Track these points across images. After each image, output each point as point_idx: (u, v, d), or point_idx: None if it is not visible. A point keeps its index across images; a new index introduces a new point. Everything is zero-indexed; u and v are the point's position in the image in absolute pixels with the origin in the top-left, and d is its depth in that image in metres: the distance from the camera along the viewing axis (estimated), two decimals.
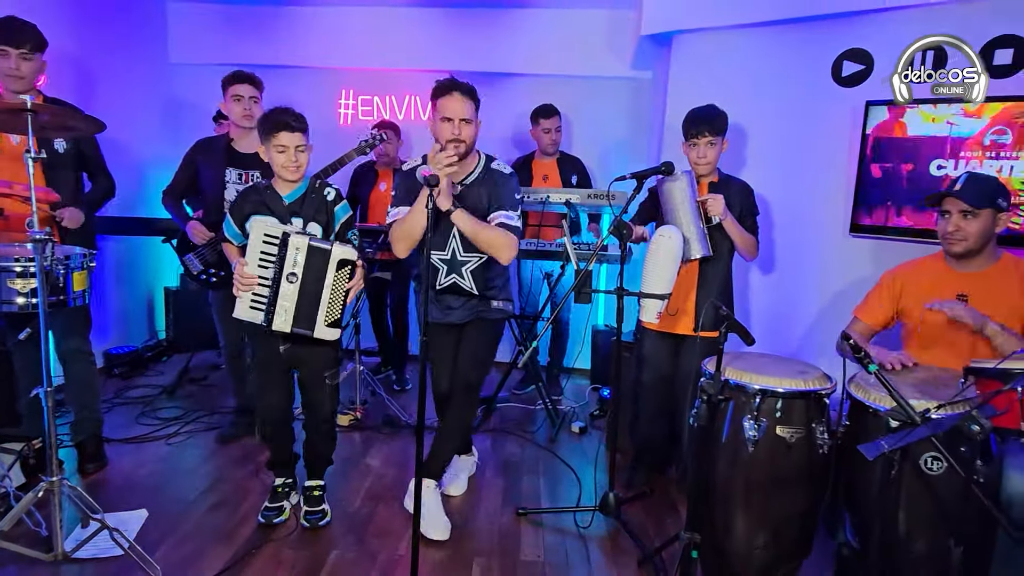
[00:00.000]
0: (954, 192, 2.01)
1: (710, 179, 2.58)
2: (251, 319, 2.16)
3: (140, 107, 4.32)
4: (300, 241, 2.08)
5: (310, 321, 2.14)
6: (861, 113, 2.73)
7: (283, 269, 2.09)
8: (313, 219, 2.23)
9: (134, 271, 4.39)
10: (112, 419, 3.24)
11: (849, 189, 2.81)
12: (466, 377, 2.42)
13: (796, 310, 3.06)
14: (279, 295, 2.10)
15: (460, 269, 2.32)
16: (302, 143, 2.18)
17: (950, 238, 2.04)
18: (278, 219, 2.19)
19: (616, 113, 4.39)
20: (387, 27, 4.37)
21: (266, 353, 2.29)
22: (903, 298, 2.20)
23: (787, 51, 3.01)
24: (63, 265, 2.09)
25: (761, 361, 2.03)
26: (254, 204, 2.22)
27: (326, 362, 2.31)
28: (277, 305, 2.11)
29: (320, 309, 2.14)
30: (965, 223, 2.01)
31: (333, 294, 2.14)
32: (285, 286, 2.10)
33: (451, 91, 2.17)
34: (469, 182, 2.29)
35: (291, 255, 2.08)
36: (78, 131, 2.21)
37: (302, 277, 2.10)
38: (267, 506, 2.40)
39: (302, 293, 2.11)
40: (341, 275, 2.14)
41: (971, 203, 1.97)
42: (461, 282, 2.33)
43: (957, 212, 2.01)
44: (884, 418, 1.74)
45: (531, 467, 3.01)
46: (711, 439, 1.93)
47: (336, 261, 2.12)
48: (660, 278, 2.26)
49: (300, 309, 2.13)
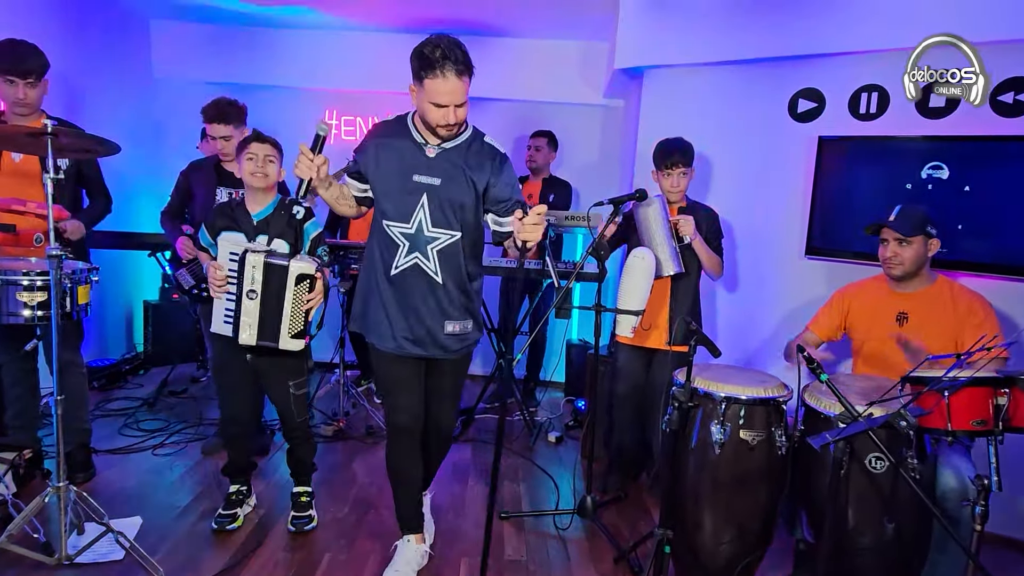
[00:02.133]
0: (889, 223, 2.27)
1: (679, 205, 2.80)
2: (225, 332, 2.26)
3: (124, 123, 4.36)
4: (255, 259, 2.15)
5: (274, 334, 2.21)
6: (815, 147, 2.99)
7: (242, 287, 2.18)
8: (280, 236, 2.32)
9: (114, 285, 4.41)
10: (95, 430, 3.26)
11: (804, 215, 3.06)
12: (442, 423, 2.25)
13: (756, 325, 3.30)
14: (241, 311, 2.19)
15: (425, 248, 1.97)
16: (271, 154, 2.31)
17: (889, 263, 2.29)
18: (245, 235, 2.30)
19: (589, 138, 4.62)
20: (371, 49, 4.52)
21: (234, 361, 2.36)
22: (850, 315, 2.44)
23: (748, 88, 3.28)
24: (70, 279, 2.18)
25: (727, 372, 2.23)
26: (226, 220, 2.33)
27: (290, 371, 2.38)
28: (240, 321, 2.20)
29: (283, 322, 2.20)
30: (901, 249, 2.26)
31: (294, 307, 2.20)
32: (246, 303, 2.18)
33: (442, 70, 1.80)
34: (449, 146, 1.98)
35: (248, 273, 2.16)
36: (95, 153, 2.29)
37: (262, 293, 2.17)
38: (221, 513, 2.46)
39: (264, 308, 2.18)
40: (300, 289, 2.19)
41: (903, 232, 2.23)
42: (424, 263, 1.98)
43: (893, 239, 2.27)
44: (834, 422, 1.95)
45: (511, 474, 3.16)
46: (682, 443, 2.12)
47: (295, 276, 2.17)
48: (635, 295, 2.45)
49: (263, 323, 2.19)
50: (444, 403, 2.22)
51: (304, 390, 2.45)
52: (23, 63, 2.38)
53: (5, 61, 2.38)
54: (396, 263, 1.99)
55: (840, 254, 2.96)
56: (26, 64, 2.39)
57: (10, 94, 2.42)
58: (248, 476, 2.59)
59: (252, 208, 2.34)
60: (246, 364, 2.35)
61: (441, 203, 1.95)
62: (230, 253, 2.22)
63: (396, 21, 4.32)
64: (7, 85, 2.41)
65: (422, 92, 1.87)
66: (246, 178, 2.30)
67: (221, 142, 2.89)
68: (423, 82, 1.85)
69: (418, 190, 1.95)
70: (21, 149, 2.20)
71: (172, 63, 4.63)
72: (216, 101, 2.85)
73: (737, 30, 3.20)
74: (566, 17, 3.98)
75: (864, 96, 2.93)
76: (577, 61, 4.44)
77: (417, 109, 1.95)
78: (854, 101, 2.96)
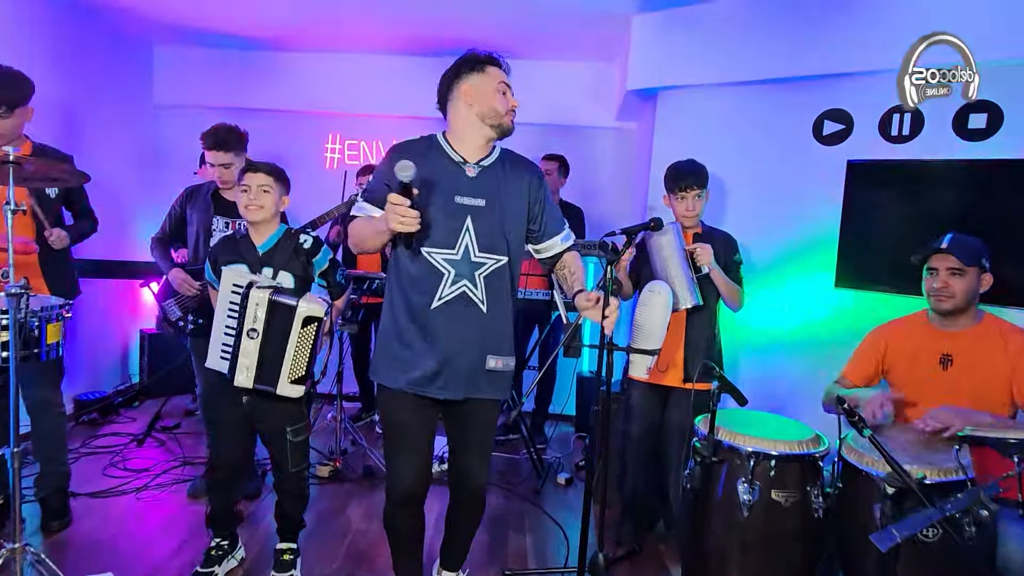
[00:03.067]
0: (942, 249, 2.03)
1: (694, 231, 2.61)
2: (220, 369, 2.09)
3: (125, 150, 4.28)
4: (260, 296, 2.00)
5: (273, 378, 2.05)
6: (843, 171, 2.79)
7: (243, 325, 2.01)
8: (285, 268, 2.17)
9: (110, 314, 4.28)
10: (78, 471, 3.07)
11: (833, 244, 2.86)
12: (474, 480, 1.92)
13: (784, 363, 3.07)
14: (239, 351, 2.03)
15: (473, 274, 1.76)
16: (266, 183, 2.15)
17: (938, 295, 2.06)
18: (249, 268, 2.15)
19: (601, 161, 4.46)
20: (375, 73, 4.42)
21: (228, 402, 2.19)
22: (887, 357, 2.21)
23: (769, 109, 3.10)
24: (37, 317, 2.01)
25: (753, 421, 2.02)
26: (229, 253, 2.18)
27: (288, 416, 2.18)
28: (238, 361, 2.03)
29: (284, 366, 2.04)
30: (953, 280, 2.03)
31: (298, 351, 2.04)
32: (245, 342, 2.02)
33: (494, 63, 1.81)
34: (487, 164, 1.83)
35: (251, 310, 2.00)
36: (63, 182, 2.15)
37: (263, 333, 2.01)
38: (198, 571, 2.23)
39: (264, 349, 2.02)
40: (307, 332, 2.04)
41: (961, 260, 2.00)
42: (472, 292, 1.77)
43: (945, 269, 2.04)
44: (879, 482, 1.73)
45: (516, 522, 2.93)
46: (705, 501, 1.90)
47: (302, 318, 2.02)
48: (650, 333, 2.25)
49: (262, 366, 2.03)
50: (474, 456, 1.91)
51: (303, 437, 2.25)
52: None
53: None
54: (440, 294, 1.75)
55: (873, 286, 2.74)
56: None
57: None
58: (232, 529, 2.38)
59: (256, 240, 2.19)
60: (240, 403, 2.16)
61: (488, 226, 1.78)
62: (233, 285, 2.06)
63: (400, 45, 4.22)
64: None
65: (484, 80, 1.79)
66: (241, 211, 2.15)
67: (220, 170, 2.76)
68: (485, 68, 1.79)
69: (462, 213, 1.75)
70: None
71: (174, 89, 4.55)
72: (215, 128, 2.73)
73: (756, 49, 3.03)
74: (576, 38, 3.85)
75: (896, 117, 2.73)
76: (588, 83, 4.30)
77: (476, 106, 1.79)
78: (885, 122, 2.77)
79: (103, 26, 4.02)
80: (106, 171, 4.07)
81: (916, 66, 2.16)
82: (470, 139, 1.81)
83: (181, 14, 3.89)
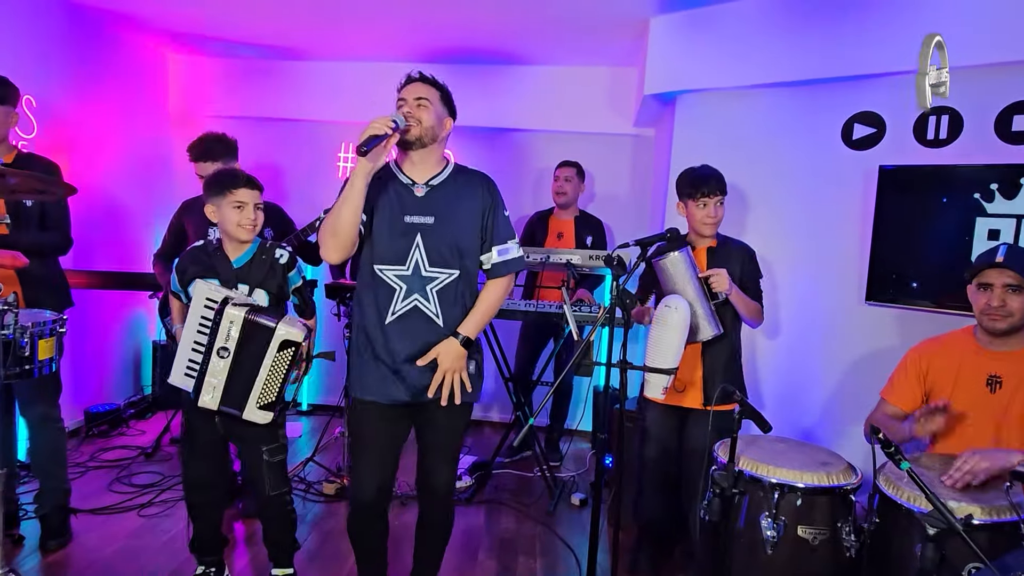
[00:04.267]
0: (998, 263, 1.84)
1: (709, 243, 2.45)
2: (183, 386, 2.00)
3: (138, 159, 4.27)
4: (235, 314, 1.90)
5: (240, 401, 1.95)
6: (874, 177, 2.63)
7: (214, 342, 1.92)
8: (261, 285, 2.08)
9: (122, 326, 4.26)
10: (83, 486, 3.05)
11: (864, 255, 2.68)
12: (442, 482, 1.97)
13: (810, 384, 2.90)
14: (207, 370, 1.93)
15: (424, 288, 1.83)
16: (258, 200, 2.08)
17: (993, 314, 1.86)
18: (221, 283, 2.05)
19: (618, 168, 4.34)
20: (389, 82, 4.31)
21: (199, 422, 2.10)
22: (929, 377, 2.03)
23: (794, 113, 2.95)
24: (28, 333, 1.96)
25: (778, 448, 1.87)
26: (201, 266, 2.08)
27: (263, 437, 2.08)
28: (205, 380, 1.94)
29: (253, 390, 1.94)
30: (1010, 298, 1.83)
31: (271, 375, 1.94)
32: (215, 361, 1.92)
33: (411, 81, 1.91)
34: (436, 183, 1.88)
35: (224, 328, 1.91)
36: (47, 195, 2.09)
37: (235, 353, 1.92)
38: None
39: (234, 370, 1.93)
40: (282, 356, 1.94)
41: (1020, 274, 1.81)
42: (424, 306, 1.84)
43: (1001, 286, 1.84)
44: (921, 520, 1.56)
45: (527, 546, 2.80)
46: (725, 536, 1.75)
47: (279, 341, 1.92)
48: (667, 351, 2.11)
49: (230, 387, 1.94)
50: (439, 462, 1.96)
51: (280, 457, 2.14)
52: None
53: None
54: (393, 308, 1.83)
55: (908, 300, 2.56)
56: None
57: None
58: (218, 554, 2.27)
59: (231, 253, 2.09)
60: (214, 426, 2.08)
61: (437, 242, 1.84)
62: (206, 299, 1.96)
63: (415, 53, 4.15)
64: None
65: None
66: (233, 230, 2.04)
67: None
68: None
69: (411, 231, 1.83)
70: None
71: (188, 98, 4.55)
72: (202, 137, 2.67)
73: (781, 49, 2.88)
74: (592, 42, 3.73)
75: (932, 120, 2.56)
76: (604, 88, 4.17)
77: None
78: (920, 125, 2.59)
79: (118, 36, 4.02)
80: (120, 181, 4.08)
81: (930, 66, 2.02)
82: (419, 161, 1.87)
83: (196, 24, 3.87)
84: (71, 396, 3.70)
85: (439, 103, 1.89)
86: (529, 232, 3.87)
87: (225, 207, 2.04)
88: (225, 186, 2.05)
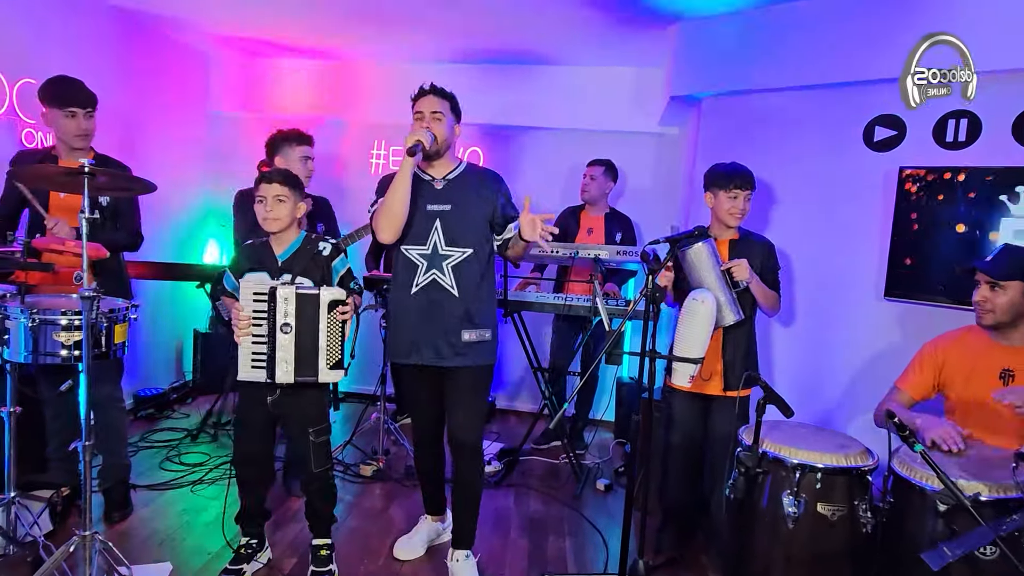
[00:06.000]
0: (978, 264, 2.03)
1: (731, 236, 2.57)
2: (255, 379, 2.17)
3: (178, 157, 4.46)
4: (287, 292, 2.12)
5: (312, 367, 2.17)
6: (895, 177, 2.73)
7: (276, 321, 2.12)
8: (303, 274, 2.24)
9: (165, 315, 4.46)
10: (136, 464, 3.23)
11: (883, 252, 2.79)
12: (463, 436, 2.30)
13: (828, 375, 3.00)
14: (276, 347, 2.13)
15: (441, 264, 2.22)
16: (281, 193, 2.19)
17: (979, 308, 2.04)
18: (269, 275, 2.22)
19: (643, 168, 4.44)
20: (419, 81, 4.46)
21: (251, 404, 2.26)
22: (945, 370, 2.15)
23: (817, 115, 3.04)
24: (107, 318, 2.13)
25: (799, 433, 1.99)
26: (251, 261, 2.26)
27: (310, 418, 2.26)
28: (277, 358, 2.13)
29: (320, 353, 2.16)
30: (992, 295, 1.99)
31: (330, 336, 2.16)
32: (281, 337, 2.13)
33: (425, 93, 2.31)
34: (452, 177, 2.29)
35: (280, 307, 2.12)
36: (132, 191, 2.29)
37: (295, 326, 2.13)
38: (227, 568, 2.30)
39: (299, 341, 2.14)
40: (334, 316, 2.16)
41: (995, 276, 1.97)
42: (441, 279, 2.21)
43: (985, 283, 2.01)
44: (932, 498, 1.69)
45: (556, 527, 2.95)
46: (749, 512, 1.88)
47: (327, 303, 2.14)
48: (695, 342, 2.24)
49: (300, 357, 2.15)
50: (462, 413, 2.30)
51: (325, 438, 2.32)
52: (82, 93, 2.44)
53: (66, 94, 2.43)
54: (416, 281, 2.23)
55: (925, 296, 2.67)
56: (84, 94, 2.45)
57: (72, 127, 2.46)
58: (261, 527, 2.43)
59: (277, 248, 2.27)
60: (266, 408, 2.24)
61: (453, 225, 2.23)
62: (254, 294, 2.15)
63: (445, 53, 4.29)
64: (67, 118, 2.45)
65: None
66: (260, 222, 2.22)
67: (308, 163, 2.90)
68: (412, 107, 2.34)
69: (431, 217, 2.24)
70: (61, 188, 2.19)
71: (227, 96, 4.73)
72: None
73: (804, 53, 2.98)
74: (619, 43, 3.85)
75: (951, 123, 2.65)
76: (630, 88, 4.29)
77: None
78: (940, 128, 2.69)
79: (162, 38, 4.20)
80: (161, 177, 4.22)
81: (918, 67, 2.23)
82: (438, 164, 2.30)
83: (235, 26, 4.04)
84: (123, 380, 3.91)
85: (450, 113, 2.29)
86: (561, 226, 3.97)
87: (256, 203, 2.22)
88: (255, 184, 2.25)
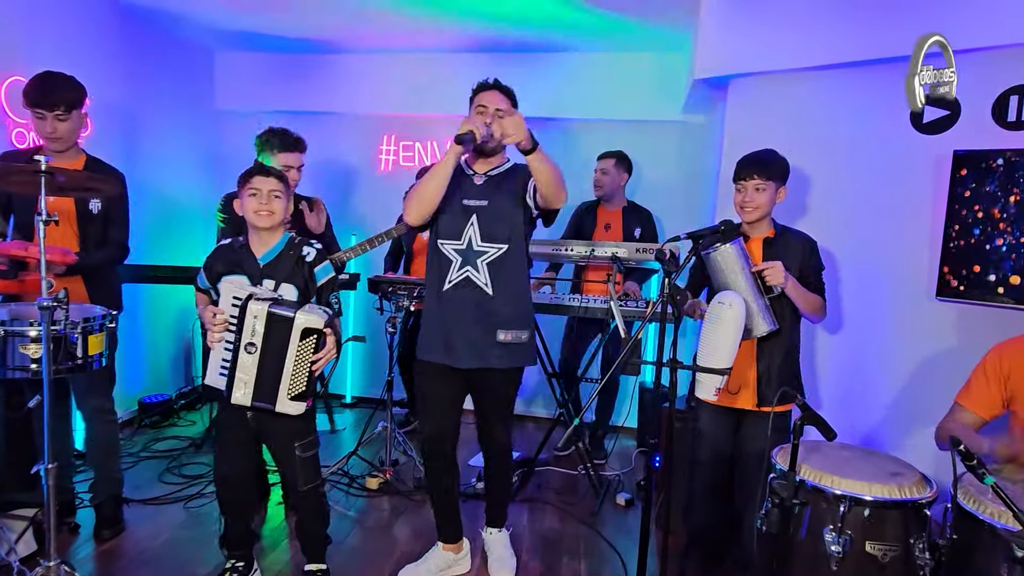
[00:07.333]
0: None
1: (765, 234, 2.31)
2: (219, 386, 2.00)
3: (186, 155, 4.36)
4: (258, 308, 1.91)
5: (271, 395, 1.96)
6: (948, 163, 2.43)
7: (240, 339, 1.93)
8: (287, 280, 2.07)
9: (173, 319, 4.36)
10: (135, 476, 3.13)
11: (935, 247, 2.50)
12: (497, 439, 2.35)
13: (874, 386, 2.72)
14: (237, 366, 1.94)
15: (475, 261, 2.16)
16: (276, 188, 2.05)
17: None
18: (249, 279, 2.05)
19: (665, 157, 4.19)
20: (431, 72, 4.30)
21: (231, 419, 2.10)
22: (1011, 381, 1.87)
23: (858, 95, 2.76)
24: (78, 328, 1.98)
25: (843, 457, 1.74)
26: (227, 264, 2.09)
27: (295, 433, 2.09)
28: (236, 377, 1.95)
29: (283, 382, 1.95)
30: None
31: (297, 366, 1.94)
32: (243, 357, 1.93)
33: (488, 87, 2.25)
34: (493, 174, 2.25)
35: (249, 323, 1.91)
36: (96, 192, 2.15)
37: (262, 347, 1.92)
38: None
39: (262, 364, 1.94)
40: (306, 345, 1.94)
41: None
42: (475, 276, 2.16)
43: None
44: (1005, 538, 1.43)
45: (571, 547, 2.73)
46: (785, 548, 1.64)
47: (300, 330, 1.92)
48: (720, 350, 1.99)
49: (260, 381, 1.95)
50: (491, 417, 2.32)
51: (312, 452, 2.14)
52: (50, 95, 2.27)
53: (33, 94, 2.27)
54: (450, 277, 2.17)
55: (985, 296, 2.37)
56: (52, 96, 2.27)
57: (42, 128, 2.32)
58: (248, 550, 2.28)
59: (257, 250, 2.09)
60: (247, 423, 2.08)
61: (489, 221, 2.17)
62: (233, 298, 1.97)
63: (457, 43, 4.09)
64: (38, 119, 2.31)
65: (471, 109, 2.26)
66: (250, 216, 2.05)
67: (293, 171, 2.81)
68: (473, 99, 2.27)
69: (467, 212, 2.18)
70: (18, 188, 2.05)
71: (234, 93, 4.61)
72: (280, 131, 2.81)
73: (843, 27, 2.70)
74: (639, 27, 3.59)
75: (1014, 100, 2.35)
76: (651, 74, 4.03)
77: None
78: (1000, 106, 2.39)
79: (166, 34, 4.09)
80: (167, 175, 4.16)
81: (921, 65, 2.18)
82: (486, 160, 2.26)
83: (241, 21, 3.90)
84: (126, 387, 3.82)
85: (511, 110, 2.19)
86: (576, 223, 3.74)
87: (245, 196, 2.06)
88: (243, 177, 2.09)
